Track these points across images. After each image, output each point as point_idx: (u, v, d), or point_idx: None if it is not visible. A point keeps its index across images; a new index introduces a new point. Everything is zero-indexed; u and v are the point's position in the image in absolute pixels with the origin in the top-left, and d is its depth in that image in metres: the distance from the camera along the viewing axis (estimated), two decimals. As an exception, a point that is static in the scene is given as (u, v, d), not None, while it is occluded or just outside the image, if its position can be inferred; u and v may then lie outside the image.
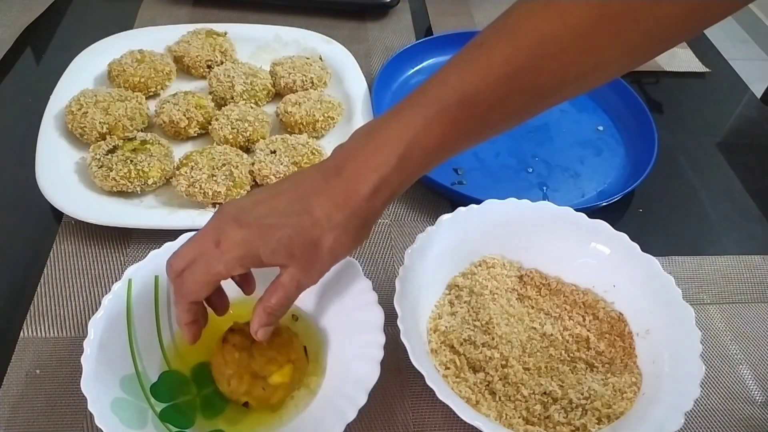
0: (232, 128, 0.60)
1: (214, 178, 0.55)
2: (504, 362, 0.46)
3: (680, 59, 0.83)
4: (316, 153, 0.59)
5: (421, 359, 0.41)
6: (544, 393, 0.44)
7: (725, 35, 2.34)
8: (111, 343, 0.42)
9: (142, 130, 0.61)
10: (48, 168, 0.57)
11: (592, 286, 0.51)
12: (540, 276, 0.52)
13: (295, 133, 0.63)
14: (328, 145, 0.63)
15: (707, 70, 0.82)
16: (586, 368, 0.47)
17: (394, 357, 0.45)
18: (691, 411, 0.40)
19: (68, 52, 0.70)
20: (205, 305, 0.43)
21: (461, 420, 0.39)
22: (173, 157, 0.59)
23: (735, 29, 2.44)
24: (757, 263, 0.58)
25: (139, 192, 0.56)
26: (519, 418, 0.43)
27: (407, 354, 0.41)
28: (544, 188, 0.63)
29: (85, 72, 0.68)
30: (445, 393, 0.39)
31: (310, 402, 0.44)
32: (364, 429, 0.44)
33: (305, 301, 0.49)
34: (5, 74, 0.72)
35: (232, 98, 0.65)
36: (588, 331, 0.49)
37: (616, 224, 0.51)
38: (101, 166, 0.55)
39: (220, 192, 0.55)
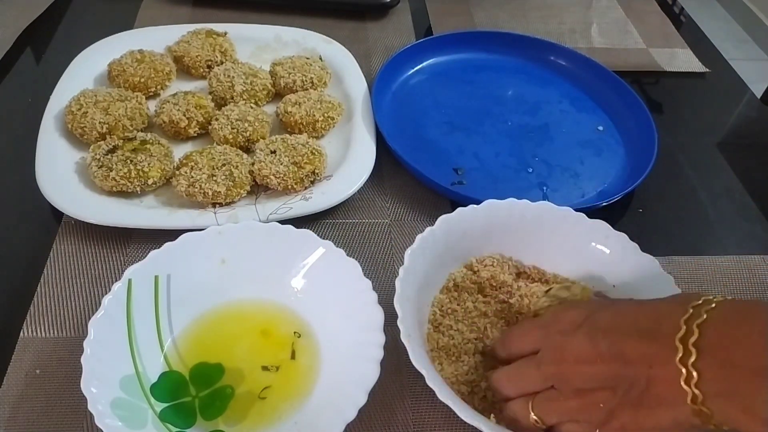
0: (232, 128, 0.60)
1: (214, 178, 0.55)
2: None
3: (680, 59, 0.83)
4: (316, 153, 0.59)
5: (421, 359, 0.41)
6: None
7: (725, 35, 2.34)
8: (111, 343, 0.43)
9: (142, 130, 0.61)
10: (48, 168, 0.57)
11: (592, 286, 0.51)
12: (537, 272, 0.52)
13: (295, 133, 0.63)
14: (328, 145, 0.63)
15: (707, 70, 0.82)
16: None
17: (394, 357, 0.45)
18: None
19: (68, 52, 0.70)
20: None
21: (461, 420, 0.39)
22: (173, 157, 0.59)
23: (735, 29, 2.44)
24: (757, 263, 0.58)
25: (139, 192, 0.56)
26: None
27: (407, 354, 0.41)
28: (544, 188, 0.63)
29: (85, 72, 0.68)
30: (445, 393, 0.39)
31: (310, 402, 0.44)
32: (364, 429, 0.44)
33: (305, 300, 0.49)
34: (5, 74, 0.72)
35: (232, 98, 0.65)
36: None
37: (616, 224, 0.51)
38: (101, 166, 0.55)
39: (220, 192, 0.55)
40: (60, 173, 0.57)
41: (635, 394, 0.35)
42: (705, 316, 0.34)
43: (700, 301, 0.35)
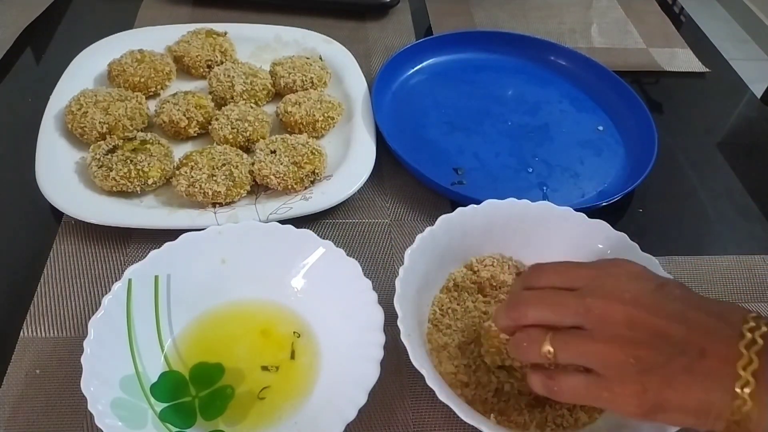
0: (232, 128, 0.60)
1: (214, 178, 0.55)
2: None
3: (680, 59, 0.83)
4: (316, 153, 0.59)
5: (421, 360, 0.41)
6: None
7: (725, 35, 2.34)
8: (111, 343, 0.43)
9: (142, 130, 0.61)
10: (48, 168, 0.57)
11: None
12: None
13: (295, 133, 0.63)
14: (328, 145, 0.63)
15: (707, 70, 0.82)
16: (586, 368, 0.47)
17: (394, 357, 0.45)
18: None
19: (68, 52, 0.70)
20: None
21: (461, 420, 0.39)
22: (173, 157, 0.59)
23: (735, 29, 2.44)
24: (757, 263, 0.58)
25: (139, 192, 0.56)
26: (518, 416, 0.43)
27: (407, 354, 0.41)
28: (544, 188, 0.63)
29: (85, 72, 0.68)
30: (445, 393, 0.39)
31: (310, 402, 0.44)
32: (364, 429, 0.44)
33: (305, 300, 0.49)
34: (5, 74, 0.72)
35: (232, 98, 0.65)
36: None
37: (616, 224, 0.51)
38: (101, 166, 0.55)
39: (220, 192, 0.55)
40: (60, 173, 0.57)
41: (682, 362, 0.33)
42: None
43: (757, 313, 0.35)
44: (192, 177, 0.55)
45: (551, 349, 0.35)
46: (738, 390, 0.32)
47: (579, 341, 0.35)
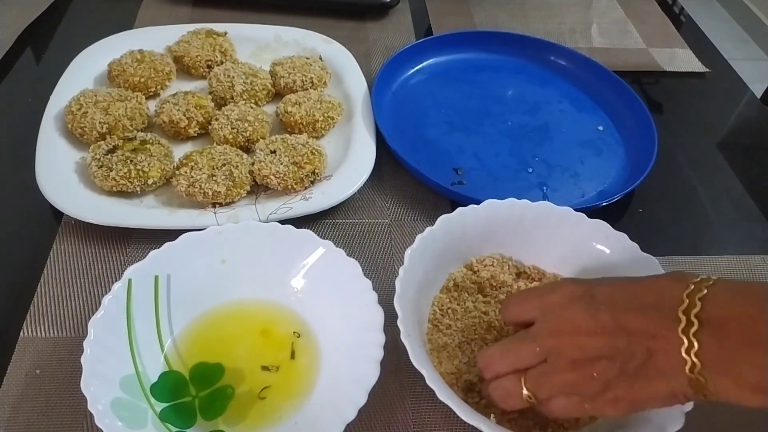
0: (232, 128, 0.60)
1: (214, 178, 0.55)
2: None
3: (680, 59, 0.83)
4: (316, 153, 0.59)
5: (421, 360, 0.41)
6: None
7: (725, 35, 2.34)
8: (111, 343, 0.43)
9: (142, 130, 0.62)
10: (48, 168, 0.57)
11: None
12: (537, 272, 0.52)
13: (295, 133, 0.63)
14: (328, 145, 0.63)
15: (707, 70, 0.82)
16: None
17: (394, 357, 0.45)
18: (691, 411, 0.40)
19: (68, 52, 0.70)
20: None
21: (461, 420, 0.39)
22: (173, 157, 0.59)
23: (735, 29, 2.44)
24: (757, 263, 0.58)
25: (139, 192, 0.56)
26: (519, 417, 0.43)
27: (407, 354, 0.41)
28: (544, 188, 0.63)
29: (85, 72, 0.68)
30: (445, 393, 0.39)
31: (310, 402, 0.44)
32: (364, 429, 0.44)
33: (305, 300, 0.49)
34: (5, 74, 0.72)
35: (232, 98, 0.65)
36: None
37: (616, 224, 0.51)
38: (101, 166, 0.55)
39: (219, 192, 0.55)
40: (60, 173, 0.57)
41: (635, 365, 0.36)
42: (705, 291, 0.35)
43: (698, 279, 0.36)
44: (192, 177, 0.55)
45: (529, 393, 0.39)
46: (689, 373, 0.34)
47: (547, 378, 0.39)
